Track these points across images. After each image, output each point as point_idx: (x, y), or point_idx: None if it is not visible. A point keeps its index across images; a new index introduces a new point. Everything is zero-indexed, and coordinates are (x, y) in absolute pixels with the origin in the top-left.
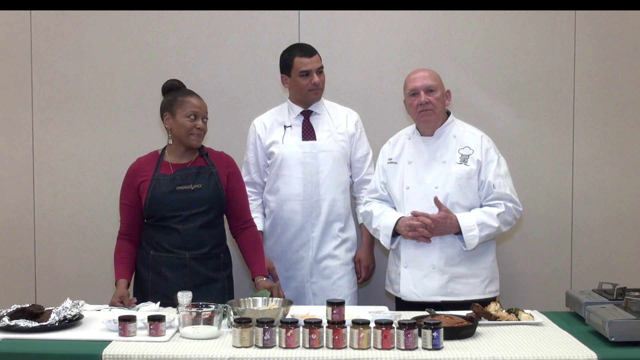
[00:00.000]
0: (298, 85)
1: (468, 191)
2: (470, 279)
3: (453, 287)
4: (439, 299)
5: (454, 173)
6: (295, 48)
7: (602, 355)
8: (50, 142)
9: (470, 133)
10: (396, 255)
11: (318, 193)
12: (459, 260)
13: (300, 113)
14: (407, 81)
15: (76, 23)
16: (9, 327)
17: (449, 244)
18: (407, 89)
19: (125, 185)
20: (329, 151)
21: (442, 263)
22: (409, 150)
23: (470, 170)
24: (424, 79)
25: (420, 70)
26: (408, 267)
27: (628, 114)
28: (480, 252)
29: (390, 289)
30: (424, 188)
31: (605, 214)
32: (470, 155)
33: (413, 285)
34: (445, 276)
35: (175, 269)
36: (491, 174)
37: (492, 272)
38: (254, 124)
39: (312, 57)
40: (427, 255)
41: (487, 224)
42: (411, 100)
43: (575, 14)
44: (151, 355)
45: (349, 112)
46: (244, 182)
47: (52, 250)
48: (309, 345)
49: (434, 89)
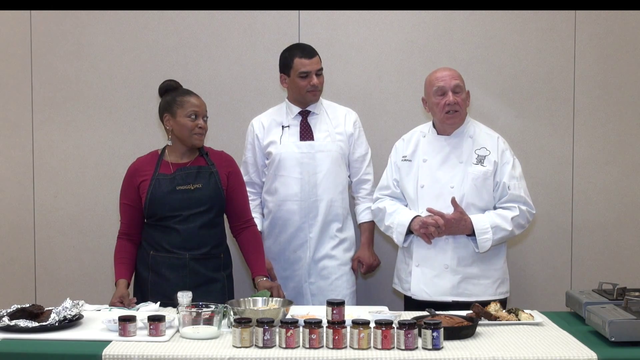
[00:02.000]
0: (296, 85)
1: (484, 192)
2: (482, 279)
3: (465, 287)
4: (450, 299)
5: (470, 173)
6: (295, 48)
7: (602, 355)
8: (50, 142)
9: (487, 134)
10: (407, 254)
11: (316, 193)
12: (472, 260)
13: (299, 113)
14: (432, 79)
15: (76, 23)
16: (9, 327)
17: (463, 245)
18: (433, 87)
19: (125, 185)
20: (326, 151)
21: (454, 263)
22: (424, 148)
23: (487, 171)
24: (452, 79)
25: (446, 69)
26: (420, 266)
27: (628, 114)
28: (493, 253)
29: (399, 287)
30: (439, 187)
31: (605, 214)
32: (487, 156)
33: (424, 284)
34: (458, 276)
35: (176, 269)
36: (506, 176)
37: (503, 273)
38: (252, 123)
39: (312, 59)
40: (440, 255)
41: (501, 227)
42: (438, 100)
43: (575, 14)
44: (151, 355)
45: (347, 112)
46: None
47: (52, 250)
48: (309, 345)
49: (460, 90)
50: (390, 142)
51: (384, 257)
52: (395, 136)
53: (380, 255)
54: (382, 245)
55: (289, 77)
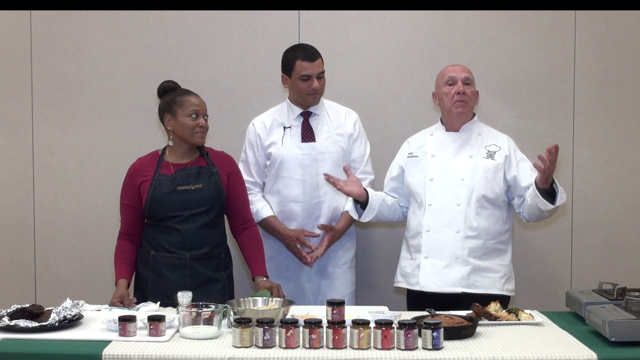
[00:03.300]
0: (297, 87)
1: (494, 185)
2: (490, 273)
3: (474, 279)
4: (459, 290)
5: (481, 166)
6: (298, 50)
7: (602, 355)
8: (50, 142)
9: (496, 133)
10: (413, 248)
11: (318, 195)
12: (482, 253)
13: (300, 114)
14: (444, 72)
15: (76, 23)
16: (9, 327)
17: (473, 236)
18: (444, 78)
19: (126, 185)
20: (328, 153)
21: (465, 254)
22: (433, 144)
23: (498, 164)
24: (463, 71)
25: (458, 65)
26: (429, 257)
27: (628, 114)
28: (502, 248)
29: (404, 284)
30: (449, 179)
31: (605, 214)
32: (497, 152)
33: (434, 274)
34: (468, 267)
35: (176, 269)
36: (528, 171)
37: (510, 270)
38: (254, 123)
39: (314, 62)
40: (450, 245)
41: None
42: (447, 89)
43: (575, 14)
44: (151, 355)
45: (347, 112)
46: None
47: (52, 250)
48: (309, 345)
49: (470, 82)
50: (390, 142)
51: (384, 256)
52: (395, 136)
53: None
54: (382, 244)
55: (290, 78)
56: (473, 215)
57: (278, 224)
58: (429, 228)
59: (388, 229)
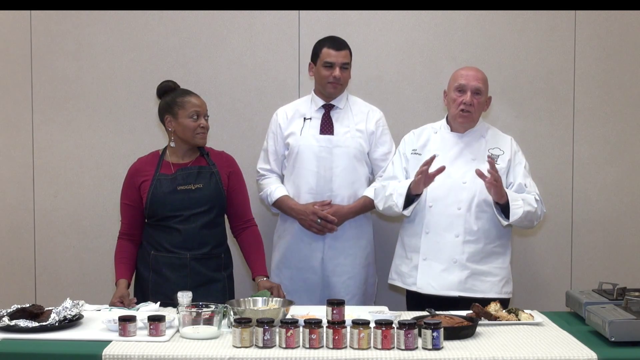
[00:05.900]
0: (320, 75)
1: None
2: (489, 277)
3: (472, 283)
4: (456, 294)
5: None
6: (327, 39)
7: (602, 355)
8: (50, 142)
9: (500, 135)
10: (409, 248)
11: (331, 188)
12: (480, 257)
13: (322, 106)
14: (457, 75)
15: (76, 23)
16: (9, 327)
17: (473, 240)
18: (455, 82)
19: (126, 185)
20: (344, 147)
21: (464, 258)
22: (436, 143)
23: (500, 168)
24: (475, 80)
25: (473, 69)
26: (427, 259)
27: (628, 114)
28: (501, 252)
29: (399, 283)
30: (451, 182)
31: (605, 213)
32: (501, 155)
33: (432, 278)
34: (466, 271)
35: (176, 269)
36: (520, 176)
37: (508, 273)
38: (277, 113)
39: (340, 51)
40: (449, 249)
41: (529, 202)
42: (456, 96)
43: (575, 14)
44: (151, 355)
45: (371, 109)
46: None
47: (52, 250)
48: (309, 345)
49: (481, 92)
50: None
51: (384, 256)
52: (396, 136)
53: (380, 254)
54: (382, 244)
55: (315, 66)
56: (473, 219)
57: (290, 202)
58: (429, 230)
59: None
